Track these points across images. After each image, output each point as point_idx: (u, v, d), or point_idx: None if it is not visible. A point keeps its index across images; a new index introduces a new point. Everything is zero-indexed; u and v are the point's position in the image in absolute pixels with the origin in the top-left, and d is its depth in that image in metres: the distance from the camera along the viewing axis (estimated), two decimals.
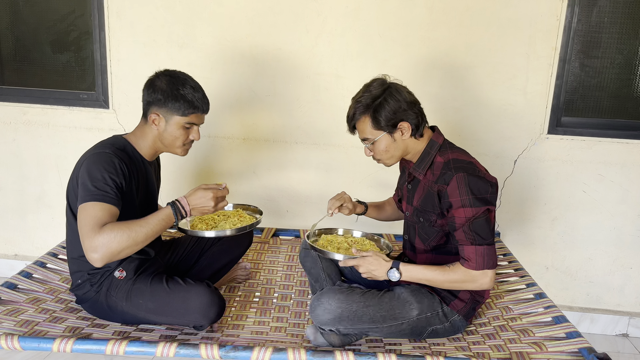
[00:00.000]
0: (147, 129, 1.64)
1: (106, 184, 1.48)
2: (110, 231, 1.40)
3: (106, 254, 1.39)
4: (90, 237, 1.40)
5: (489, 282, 1.53)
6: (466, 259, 1.52)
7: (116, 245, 1.40)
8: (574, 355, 1.41)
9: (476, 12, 2.32)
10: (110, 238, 1.39)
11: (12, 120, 2.63)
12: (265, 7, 2.39)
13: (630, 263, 2.54)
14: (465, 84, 2.40)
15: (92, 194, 1.45)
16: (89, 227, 1.41)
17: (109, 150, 1.54)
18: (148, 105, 1.62)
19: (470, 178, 1.51)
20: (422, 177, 1.65)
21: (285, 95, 2.49)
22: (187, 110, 1.60)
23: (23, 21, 2.59)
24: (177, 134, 1.62)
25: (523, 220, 2.54)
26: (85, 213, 1.43)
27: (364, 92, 1.59)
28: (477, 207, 1.50)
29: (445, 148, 1.63)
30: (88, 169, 1.50)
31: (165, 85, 1.58)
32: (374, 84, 1.59)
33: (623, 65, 2.38)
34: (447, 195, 1.53)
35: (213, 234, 1.73)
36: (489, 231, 1.52)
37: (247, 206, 2.03)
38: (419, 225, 1.70)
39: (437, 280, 1.56)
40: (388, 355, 1.32)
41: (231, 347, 1.34)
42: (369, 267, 1.58)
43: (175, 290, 1.60)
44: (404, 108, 1.56)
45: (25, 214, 2.76)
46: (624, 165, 2.43)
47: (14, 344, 1.33)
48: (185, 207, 1.53)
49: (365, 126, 1.60)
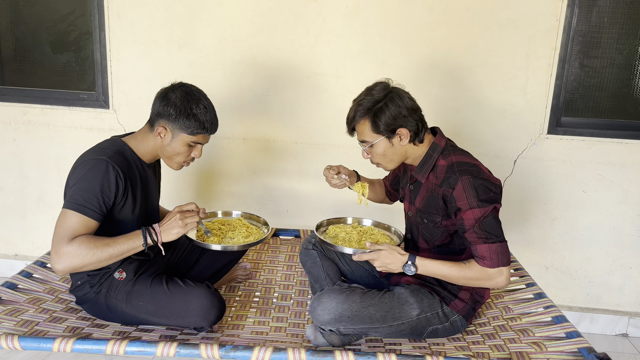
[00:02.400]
0: (151, 137, 1.63)
1: (94, 196, 1.48)
2: (78, 246, 1.44)
3: (67, 266, 1.44)
4: (58, 247, 1.44)
5: (505, 280, 1.52)
6: (481, 257, 1.51)
7: (79, 261, 1.44)
8: (574, 355, 1.41)
9: (476, 12, 2.32)
10: (75, 253, 1.43)
11: (12, 120, 2.63)
12: (265, 7, 2.39)
13: (630, 263, 2.54)
14: (465, 84, 2.40)
15: (76, 202, 1.47)
16: (60, 236, 1.45)
17: (106, 156, 1.52)
18: (157, 116, 1.60)
19: (475, 180, 1.51)
20: (424, 180, 1.65)
21: (285, 95, 2.49)
22: (196, 130, 1.59)
23: (23, 21, 2.59)
24: (180, 150, 1.62)
25: (523, 220, 2.54)
26: (63, 220, 1.47)
27: (365, 95, 1.59)
28: (484, 207, 1.50)
29: (447, 151, 1.63)
30: (81, 175, 1.50)
31: (179, 101, 1.56)
32: (377, 87, 1.59)
33: (623, 65, 2.38)
34: (454, 199, 1.53)
35: (220, 248, 1.70)
36: (499, 228, 1.52)
37: (252, 215, 1.98)
38: (422, 226, 1.70)
39: (453, 277, 1.56)
40: (388, 355, 1.32)
41: (231, 347, 1.34)
42: (384, 261, 1.58)
43: (175, 292, 1.59)
44: (404, 114, 1.56)
45: (25, 214, 2.76)
46: (623, 165, 2.43)
47: (14, 344, 1.33)
48: (155, 229, 1.53)
49: (365, 129, 1.60)
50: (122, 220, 1.60)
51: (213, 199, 2.64)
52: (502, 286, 1.54)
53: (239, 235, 1.79)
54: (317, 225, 1.85)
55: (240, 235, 1.79)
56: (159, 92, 1.62)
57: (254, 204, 2.63)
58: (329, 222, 1.92)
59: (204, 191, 2.66)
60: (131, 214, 1.61)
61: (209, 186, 2.65)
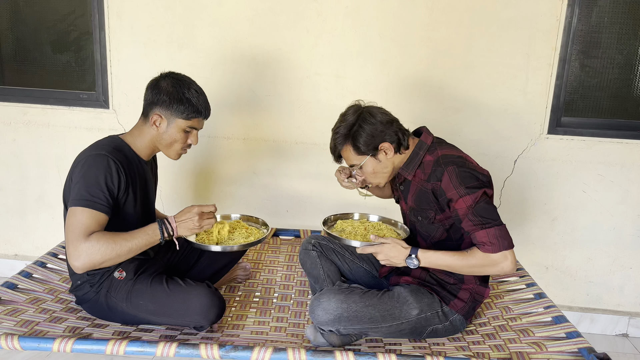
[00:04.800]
0: (146, 129, 1.64)
1: (100, 190, 1.48)
2: (96, 242, 1.42)
3: (87, 264, 1.42)
4: (75, 245, 1.42)
5: (510, 265, 1.49)
6: (481, 243, 1.50)
7: (99, 257, 1.42)
8: (574, 355, 1.41)
9: (476, 12, 2.32)
10: (94, 249, 1.42)
11: (12, 120, 2.63)
12: (265, 7, 2.39)
13: (630, 263, 2.54)
14: (465, 84, 2.40)
15: (83, 199, 1.46)
16: (75, 235, 1.43)
17: (105, 151, 1.54)
18: (150, 106, 1.61)
19: (460, 170, 1.53)
20: (412, 177, 1.66)
21: (285, 95, 2.49)
22: (191, 114, 1.61)
23: (23, 21, 2.59)
24: (177, 136, 1.63)
25: (523, 220, 2.54)
26: (74, 218, 1.45)
27: (340, 122, 1.63)
28: (473, 193, 1.50)
29: (434, 147, 1.64)
30: (83, 172, 1.50)
31: (170, 87, 1.59)
32: (349, 112, 1.63)
33: (623, 65, 2.38)
34: (444, 191, 1.54)
35: (219, 249, 1.69)
36: (494, 212, 1.51)
37: (250, 217, 1.97)
38: (418, 224, 1.70)
39: (457, 266, 1.55)
40: (388, 355, 1.32)
41: (231, 347, 1.34)
42: (387, 254, 1.58)
43: (175, 292, 1.60)
44: (380, 129, 1.58)
45: (25, 214, 2.76)
46: (623, 165, 2.43)
47: (14, 344, 1.33)
48: (172, 224, 1.54)
49: (349, 154, 1.64)
50: (125, 216, 1.60)
51: (213, 199, 2.64)
52: (508, 271, 1.51)
53: (239, 236, 1.79)
54: (324, 219, 1.86)
55: (240, 236, 1.79)
56: (150, 82, 1.64)
57: (254, 204, 2.63)
58: (337, 218, 1.93)
59: (203, 191, 2.66)
60: (133, 210, 1.62)
61: (209, 186, 2.65)
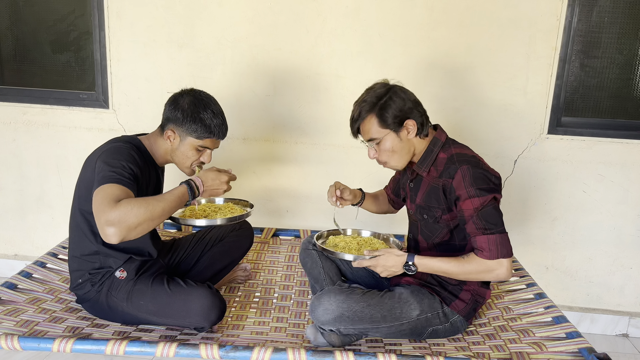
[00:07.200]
0: (161, 142, 1.68)
1: (124, 170, 1.47)
2: (127, 204, 1.33)
3: (123, 228, 1.31)
4: (106, 212, 1.31)
5: (506, 272, 1.49)
6: (480, 249, 1.50)
7: (133, 219, 1.32)
8: (574, 355, 1.41)
9: (476, 12, 2.32)
10: (127, 211, 1.31)
11: (12, 120, 2.63)
12: (265, 7, 2.39)
13: (630, 263, 2.54)
14: (465, 84, 2.40)
15: (109, 177, 1.41)
16: (104, 203, 1.32)
17: (125, 143, 1.58)
18: (167, 121, 1.64)
19: (474, 170, 1.52)
20: (426, 174, 1.65)
21: (285, 95, 2.49)
22: (203, 134, 1.62)
23: (23, 21, 2.59)
24: (188, 154, 1.65)
25: (523, 220, 2.54)
26: (102, 193, 1.36)
27: (367, 93, 1.61)
28: (483, 196, 1.49)
29: (448, 145, 1.64)
30: (105, 159, 1.49)
31: (187, 105, 1.61)
32: (377, 85, 1.62)
33: (623, 65, 2.38)
34: (454, 188, 1.54)
35: (204, 223, 1.74)
36: (499, 219, 1.51)
37: (238, 200, 2.09)
38: (422, 223, 1.70)
39: (453, 272, 1.55)
40: (388, 355, 1.32)
41: (231, 347, 1.34)
42: (385, 265, 1.59)
43: (176, 292, 1.59)
44: (409, 106, 1.57)
45: (25, 214, 2.76)
46: (624, 165, 2.43)
47: (14, 344, 1.33)
48: (199, 187, 1.56)
49: (371, 126, 1.59)
50: None
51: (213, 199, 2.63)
52: (503, 278, 1.51)
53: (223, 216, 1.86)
54: (316, 235, 1.86)
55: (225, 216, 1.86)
56: (170, 97, 1.66)
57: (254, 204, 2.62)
58: (329, 233, 1.94)
59: None
60: None
61: None
